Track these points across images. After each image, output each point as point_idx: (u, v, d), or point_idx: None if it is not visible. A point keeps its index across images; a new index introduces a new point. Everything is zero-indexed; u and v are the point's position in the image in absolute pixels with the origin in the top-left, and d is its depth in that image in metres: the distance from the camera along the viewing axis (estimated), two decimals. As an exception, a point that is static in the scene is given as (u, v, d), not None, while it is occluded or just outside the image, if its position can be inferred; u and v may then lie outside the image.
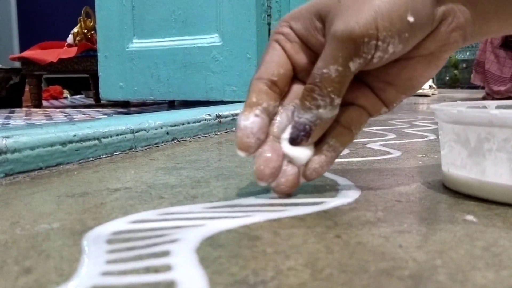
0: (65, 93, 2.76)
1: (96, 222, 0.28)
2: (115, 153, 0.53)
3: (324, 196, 0.32)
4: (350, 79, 0.29)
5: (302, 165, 0.31)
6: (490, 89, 1.86)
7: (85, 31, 1.81)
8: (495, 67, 1.83)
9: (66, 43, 1.83)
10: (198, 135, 0.69)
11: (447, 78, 3.90)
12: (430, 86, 2.46)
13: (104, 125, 0.53)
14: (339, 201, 0.31)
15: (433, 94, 2.39)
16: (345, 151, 0.51)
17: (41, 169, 0.44)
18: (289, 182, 0.31)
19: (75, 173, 0.43)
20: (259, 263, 0.21)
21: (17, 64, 1.98)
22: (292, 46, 0.31)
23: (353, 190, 0.34)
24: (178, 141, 0.64)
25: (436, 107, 0.34)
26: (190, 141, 0.65)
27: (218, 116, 0.75)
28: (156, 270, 0.20)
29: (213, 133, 0.73)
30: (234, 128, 0.78)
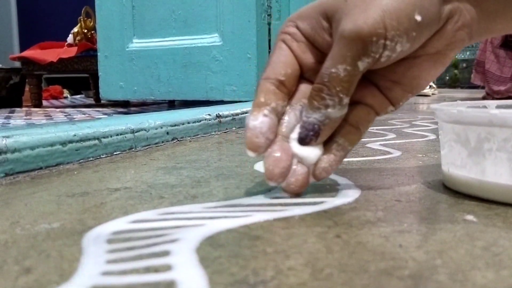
0: (65, 93, 2.76)
1: (96, 222, 0.28)
2: (115, 153, 0.53)
3: (324, 196, 0.32)
4: (359, 78, 0.29)
5: (312, 164, 0.31)
6: (490, 89, 1.86)
7: (85, 31, 1.81)
8: (495, 67, 1.83)
9: (66, 43, 1.83)
10: (198, 135, 0.69)
11: (447, 78, 3.90)
12: (430, 86, 2.46)
13: (104, 125, 0.53)
14: (339, 200, 0.31)
15: (433, 94, 2.39)
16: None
17: (41, 169, 0.44)
18: (299, 181, 0.31)
19: (75, 173, 0.43)
20: (259, 263, 0.21)
21: (17, 64, 1.98)
22: (299, 46, 0.31)
23: (353, 190, 0.34)
24: (178, 141, 0.64)
25: (436, 107, 0.34)
26: (190, 141, 0.65)
27: (218, 116, 0.75)
28: (156, 270, 0.20)
29: (213, 133, 0.73)
30: (234, 128, 0.78)
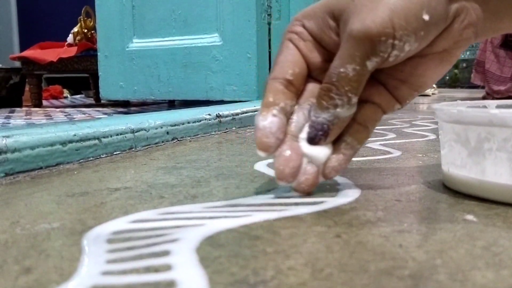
0: (65, 92, 2.76)
1: (96, 221, 0.28)
2: (115, 153, 0.53)
3: (324, 196, 0.32)
4: (367, 77, 0.29)
5: (321, 164, 0.31)
6: (490, 88, 1.86)
7: (85, 30, 1.81)
8: (495, 66, 1.83)
9: (66, 43, 1.83)
10: (198, 134, 0.69)
11: (447, 77, 3.89)
12: (430, 86, 2.46)
13: (104, 124, 0.53)
14: (339, 200, 0.31)
15: (433, 94, 2.39)
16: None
17: (41, 168, 0.44)
18: (309, 181, 0.31)
19: (75, 172, 0.43)
20: (259, 263, 0.21)
21: (17, 64, 1.98)
22: (306, 45, 0.31)
23: (353, 190, 0.34)
24: (178, 140, 0.64)
25: (436, 106, 0.34)
26: (190, 141, 0.65)
27: (218, 116, 0.75)
28: (156, 269, 0.20)
29: (213, 133, 0.73)
30: (234, 128, 0.78)
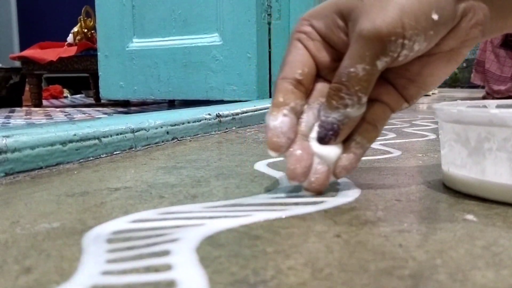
0: (65, 92, 2.76)
1: (96, 221, 0.28)
2: (115, 153, 0.53)
3: (324, 196, 0.32)
4: (377, 77, 0.29)
5: (332, 163, 0.31)
6: (490, 88, 1.86)
7: (85, 30, 1.81)
8: (495, 66, 1.83)
9: (66, 43, 1.83)
10: (198, 134, 0.69)
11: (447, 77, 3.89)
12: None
13: (104, 124, 0.53)
14: (339, 200, 0.31)
15: (433, 94, 2.39)
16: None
17: (41, 168, 0.44)
18: (320, 180, 0.31)
19: (75, 172, 0.43)
20: (259, 263, 0.21)
21: (17, 64, 1.98)
22: (314, 45, 0.31)
23: (353, 190, 0.34)
24: (178, 140, 0.64)
25: (436, 106, 0.34)
26: (190, 141, 0.65)
27: (218, 116, 0.75)
28: (156, 269, 0.20)
29: (213, 133, 0.73)
30: (234, 128, 0.78)
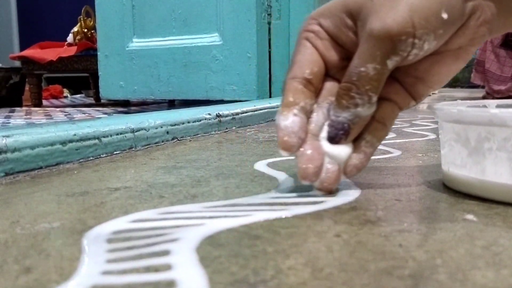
0: (65, 92, 2.76)
1: (96, 221, 0.28)
2: (115, 152, 0.53)
3: (324, 195, 0.32)
4: (387, 76, 0.29)
5: (342, 162, 0.32)
6: (490, 88, 1.86)
7: (85, 30, 1.81)
8: (495, 66, 1.83)
9: (66, 42, 1.83)
10: (198, 134, 0.69)
11: (447, 77, 3.89)
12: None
13: (104, 124, 0.53)
14: (339, 200, 0.31)
15: (433, 93, 2.39)
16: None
17: (41, 168, 0.44)
18: (331, 179, 0.31)
19: (75, 172, 0.43)
20: (259, 262, 0.21)
21: (17, 63, 1.98)
22: (323, 44, 0.32)
23: (353, 189, 0.34)
24: (178, 140, 0.64)
25: (436, 106, 0.34)
26: (190, 140, 0.65)
27: (218, 116, 0.75)
28: (156, 269, 0.20)
29: (213, 132, 0.73)
30: (234, 128, 0.78)
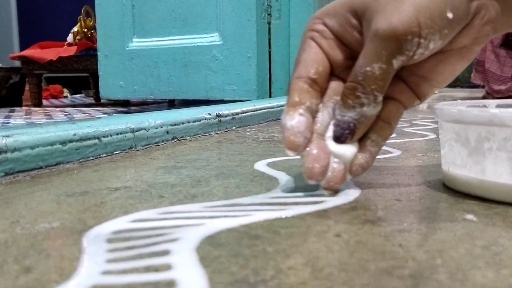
0: (65, 92, 2.76)
1: (96, 221, 0.28)
2: (115, 152, 0.53)
3: (324, 195, 0.32)
4: (392, 75, 0.29)
5: (348, 161, 0.32)
6: (490, 88, 1.86)
7: (85, 30, 1.81)
8: (495, 66, 1.83)
9: (66, 42, 1.83)
10: (198, 134, 0.69)
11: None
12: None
13: (104, 124, 0.53)
14: (339, 200, 0.31)
15: (433, 93, 2.39)
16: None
17: (41, 168, 0.44)
18: (337, 178, 0.31)
19: (75, 172, 0.43)
20: (259, 262, 0.21)
21: (17, 63, 1.98)
22: (328, 43, 0.32)
23: (353, 189, 0.34)
24: (178, 140, 0.64)
25: (436, 106, 0.34)
26: (190, 140, 0.65)
27: (218, 115, 0.75)
28: (156, 269, 0.20)
29: (213, 132, 0.73)
30: (234, 128, 0.78)
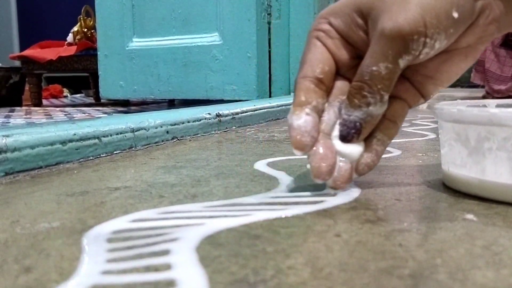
0: (65, 92, 2.76)
1: (96, 221, 0.28)
2: (115, 152, 0.53)
3: (324, 195, 0.32)
4: (398, 75, 0.29)
5: (354, 160, 0.32)
6: (490, 88, 1.86)
7: (85, 30, 1.81)
8: (495, 66, 1.83)
9: (66, 42, 1.83)
10: (198, 134, 0.69)
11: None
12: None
13: (104, 124, 0.53)
14: (339, 200, 0.31)
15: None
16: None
17: (41, 168, 0.44)
18: (344, 177, 0.31)
19: (75, 172, 0.43)
20: (259, 262, 0.21)
21: (17, 63, 1.98)
22: (333, 43, 0.32)
23: (353, 189, 0.34)
24: (178, 140, 0.64)
25: (436, 106, 0.34)
26: (190, 140, 0.65)
27: (218, 115, 0.75)
28: (156, 269, 0.20)
29: (213, 132, 0.73)
30: (234, 127, 0.78)
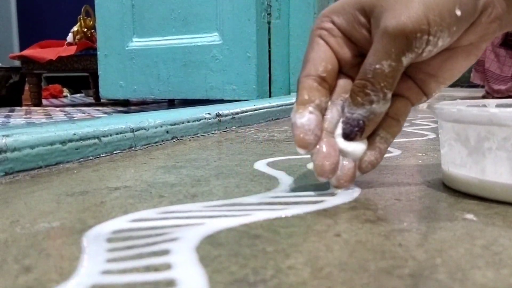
0: (65, 92, 2.76)
1: (96, 220, 0.28)
2: (115, 152, 0.53)
3: (324, 195, 0.32)
4: (401, 73, 0.29)
5: (357, 159, 0.32)
6: (490, 88, 1.86)
7: (85, 29, 1.81)
8: (495, 66, 1.83)
9: (66, 42, 1.83)
10: (198, 134, 0.69)
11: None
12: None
13: (104, 124, 0.53)
14: (339, 199, 0.31)
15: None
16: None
17: (41, 167, 0.44)
18: (348, 176, 0.31)
19: (75, 172, 0.43)
20: (259, 262, 0.21)
21: (17, 63, 1.98)
22: (336, 41, 0.32)
23: (352, 189, 0.34)
24: (178, 140, 0.64)
25: (436, 105, 0.34)
26: (190, 140, 0.65)
27: (218, 115, 0.75)
28: (156, 268, 0.20)
29: (213, 132, 0.73)
30: (234, 127, 0.78)
